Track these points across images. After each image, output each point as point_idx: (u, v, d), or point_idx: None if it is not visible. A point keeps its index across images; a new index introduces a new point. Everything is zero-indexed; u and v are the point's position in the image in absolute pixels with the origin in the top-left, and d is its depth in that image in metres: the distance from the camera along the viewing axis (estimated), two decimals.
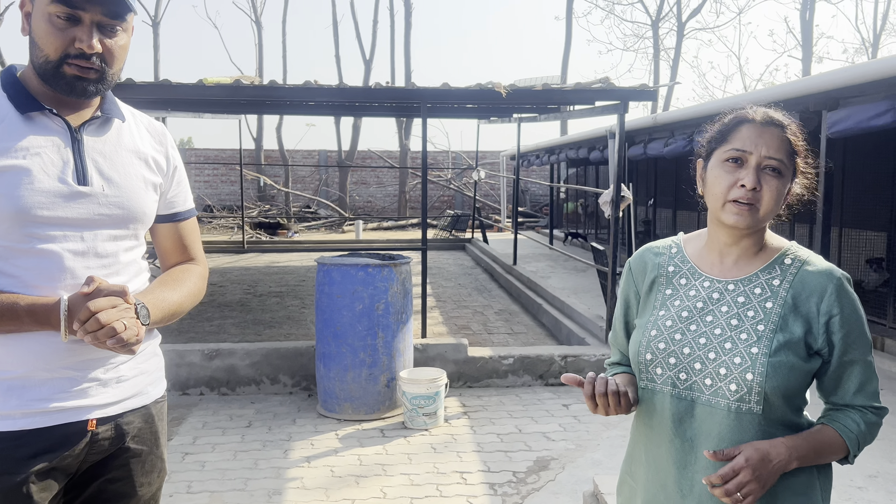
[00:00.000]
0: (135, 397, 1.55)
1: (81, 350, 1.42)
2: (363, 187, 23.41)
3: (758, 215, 1.38)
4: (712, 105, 8.84)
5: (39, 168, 1.38)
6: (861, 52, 23.70)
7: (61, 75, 1.40)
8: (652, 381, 1.46)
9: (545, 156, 16.21)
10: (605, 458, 4.07)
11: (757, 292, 1.41)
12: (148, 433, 1.58)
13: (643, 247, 1.62)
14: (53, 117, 1.43)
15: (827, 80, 6.03)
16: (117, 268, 1.49)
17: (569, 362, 5.42)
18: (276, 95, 6.28)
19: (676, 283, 1.50)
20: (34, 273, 1.39)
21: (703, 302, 1.44)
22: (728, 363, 1.37)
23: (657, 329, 1.46)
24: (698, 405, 1.40)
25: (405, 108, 9.17)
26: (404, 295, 4.77)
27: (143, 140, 1.57)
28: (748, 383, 1.34)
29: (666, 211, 12.37)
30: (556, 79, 7.43)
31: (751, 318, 1.39)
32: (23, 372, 1.39)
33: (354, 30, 24.26)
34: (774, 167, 1.37)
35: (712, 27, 34.02)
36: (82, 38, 1.37)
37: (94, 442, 1.47)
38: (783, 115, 1.43)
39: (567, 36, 23.48)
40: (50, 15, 1.36)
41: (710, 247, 1.50)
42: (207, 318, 7.43)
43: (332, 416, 4.69)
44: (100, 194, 1.45)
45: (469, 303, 8.64)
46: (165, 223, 1.65)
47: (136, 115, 1.61)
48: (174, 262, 1.69)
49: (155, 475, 1.61)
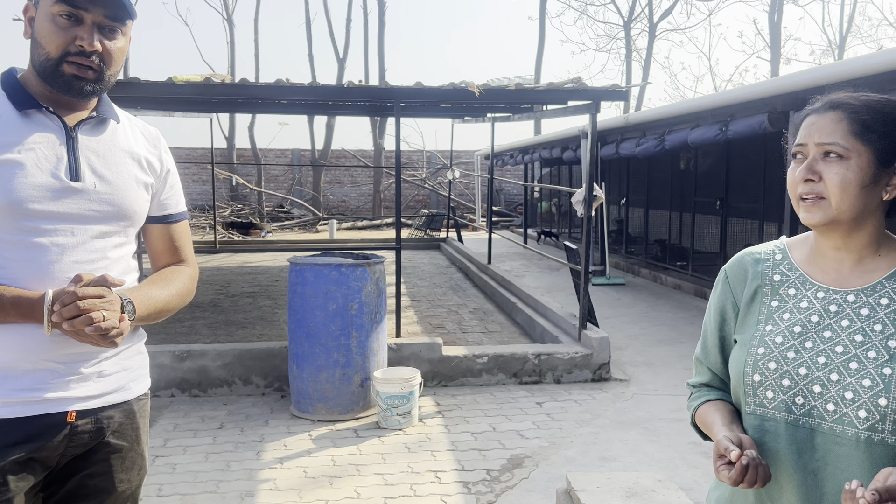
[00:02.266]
0: (116, 392, 1.56)
1: (65, 344, 1.44)
2: (337, 186, 23.29)
3: (829, 208, 1.23)
4: (683, 105, 8.95)
5: (33, 163, 1.42)
6: (828, 54, 24.18)
7: (60, 73, 1.45)
8: (761, 405, 1.28)
9: (519, 155, 16.27)
10: (579, 455, 4.09)
11: (884, 303, 1.24)
12: (129, 429, 1.59)
13: (741, 252, 1.43)
14: (50, 115, 1.48)
15: (795, 80, 6.14)
16: (105, 263, 1.51)
17: (543, 360, 5.45)
18: (248, 94, 6.22)
19: (784, 293, 1.33)
20: (23, 265, 1.41)
21: (818, 315, 1.28)
22: (855, 386, 1.19)
23: (765, 346, 1.29)
24: (819, 433, 1.22)
25: (379, 108, 9.14)
26: (378, 294, 4.76)
27: (138, 142, 1.62)
28: (881, 410, 1.16)
29: (638, 210, 12.49)
30: (529, 79, 7.45)
31: (879, 332, 1.22)
32: (5, 363, 1.41)
33: (328, 28, 24.09)
34: (830, 151, 1.23)
35: (683, 28, 34.28)
36: (83, 36, 1.43)
37: (73, 434, 1.48)
38: (848, 95, 1.27)
39: (540, 36, 23.59)
40: (53, 15, 1.43)
41: (818, 252, 1.33)
42: (178, 318, 7.34)
43: (306, 416, 4.66)
44: (91, 191, 1.49)
45: (444, 302, 8.65)
46: (157, 224, 1.69)
47: (132, 118, 1.66)
48: (164, 263, 1.71)
49: (135, 472, 1.61)
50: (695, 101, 8.63)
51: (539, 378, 5.44)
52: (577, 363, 5.49)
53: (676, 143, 9.04)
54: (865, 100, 1.25)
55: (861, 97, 1.26)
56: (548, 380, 5.44)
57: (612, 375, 5.56)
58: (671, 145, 9.18)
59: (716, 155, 9.64)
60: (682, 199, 10.73)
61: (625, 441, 4.31)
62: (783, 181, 1.38)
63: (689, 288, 9.56)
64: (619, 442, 4.30)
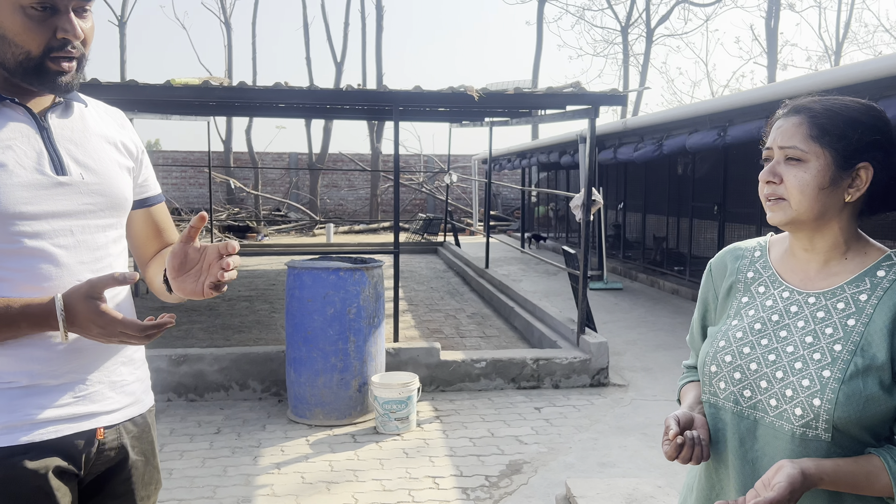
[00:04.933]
0: (133, 405, 1.51)
1: (84, 351, 1.37)
2: (334, 190, 23.27)
3: (789, 208, 1.26)
4: (682, 110, 8.95)
5: (14, 162, 1.29)
6: (824, 60, 24.26)
7: (45, 71, 1.31)
8: (715, 395, 1.34)
9: (517, 160, 16.28)
10: (578, 461, 4.07)
11: (840, 307, 1.26)
12: (146, 443, 1.53)
13: (728, 246, 1.47)
14: (15, 106, 1.35)
15: (792, 86, 6.14)
16: (109, 261, 1.43)
17: (541, 365, 5.43)
18: (246, 97, 6.21)
19: (755, 290, 1.37)
20: (26, 274, 1.30)
21: (779, 314, 1.31)
22: (795, 385, 1.23)
23: (726, 340, 1.34)
24: (761, 426, 1.27)
25: (377, 111, 9.13)
26: (376, 299, 4.74)
27: (108, 125, 1.50)
28: (815, 409, 1.20)
29: (636, 215, 12.49)
30: (527, 83, 7.45)
31: (828, 336, 1.24)
32: (28, 381, 1.31)
33: (325, 32, 24.12)
34: (790, 156, 1.26)
35: (680, 34, 34.50)
36: (66, 27, 1.29)
37: (101, 452, 1.42)
38: (811, 99, 1.29)
39: (538, 41, 23.64)
40: (24, 7, 1.27)
41: (791, 252, 1.36)
42: (175, 322, 7.30)
43: (303, 421, 4.64)
44: (80, 183, 1.38)
45: (441, 306, 8.63)
46: (139, 209, 1.57)
47: (92, 100, 1.53)
48: (152, 251, 1.61)
49: (153, 487, 1.56)
50: (693, 106, 8.64)
51: (537, 383, 5.42)
52: (576, 368, 5.47)
53: (674, 148, 9.04)
54: (827, 104, 1.27)
55: (824, 101, 1.28)
56: (546, 385, 5.43)
57: (610, 381, 5.55)
58: (669, 150, 9.19)
59: (713, 160, 9.65)
60: (679, 203, 10.74)
61: (624, 447, 4.30)
62: None
63: (686, 293, 9.56)
64: (619, 448, 4.28)
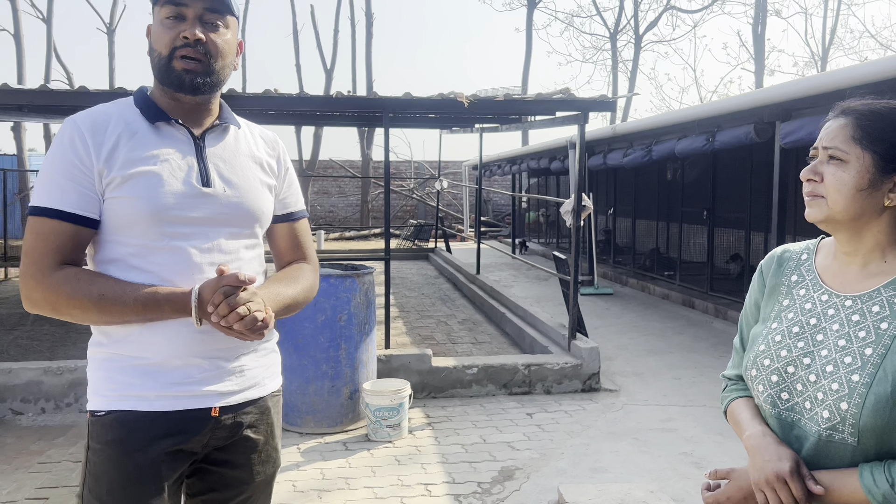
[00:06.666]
0: (253, 388, 1.66)
1: (211, 340, 1.55)
2: (325, 197, 23.25)
3: (826, 206, 1.27)
4: (671, 116, 9.00)
5: (169, 173, 1.55)
6: (811, 66, 24.46)
7: (172, 69, 1.55)
8: (756, 398, 1.37)
9: (507, 166, 16.32)
10: (570, 466, 4.07)
11: (874, 311, 1.25)
12: (264, 424, 1.69)
13: (778, 248, 1.48)
14: (179, 127, 1.60)
15: (779, 91, 6.19)
16: (239, 264, 1.62)
17: (532, 371, 5.43)
18: (236, 104, 6.19)
19: (795, 293, 1.37)
20: (168, 268, 1.54)
21: (816, 318, 1.31)
22: (826, 388, 1.23)
23: (766, 343, 1.35)
24: (797, 427, 1.29)
25: (367, 118, 9.13)
26: (367, 305, 4.73)
27: (258, 146, 1.74)
28: (841, 413, 1.20)
29: (625, 220, 12.54)
30: (517, 89, 7.47)
31: (861, 339, 1.24)
32: (159, 359, 1.53)
33: (315, 39, 24.14)
34: (832, 155, 1.28)
35: (668, 40, 34.59)
36: (186, 28, 1.55)
37: (216, 428, 1.60)
38: (859, 102, 1.31)
39: (528, 47, 23.72)
40: (162, 19, 1.56)
41: (834, 256, 1.37)
42: None
43: (294, 429, 4.61)
44: (221, 195, 1.60)
45: (433, 312, 8.62)
46: (281, 223, 1.79)
47: (251, 124, 1.78)
48: (288, 260, 1.82)
49: (270, 465, 1.72)
50: (682, 111, 8.69)
51: (529, 389, 5.42)
52: (567, 374, 5.47)
53: (664, 154, 9.09)
54: (874, 107, 1.28)
55: (869, 104, 1.29)
56: (538, 390, 5.43)
57: (601, 386, 5.55)
58: (658, 156, 9.23)
59: (703, 165, 9.71)
60: (669, 209, 10.79)
61: (616, 452, 4.30)
62: (770, 191, 1.41)
63: (676, 298, 9.59)
64: (610, 453, 4.29)
